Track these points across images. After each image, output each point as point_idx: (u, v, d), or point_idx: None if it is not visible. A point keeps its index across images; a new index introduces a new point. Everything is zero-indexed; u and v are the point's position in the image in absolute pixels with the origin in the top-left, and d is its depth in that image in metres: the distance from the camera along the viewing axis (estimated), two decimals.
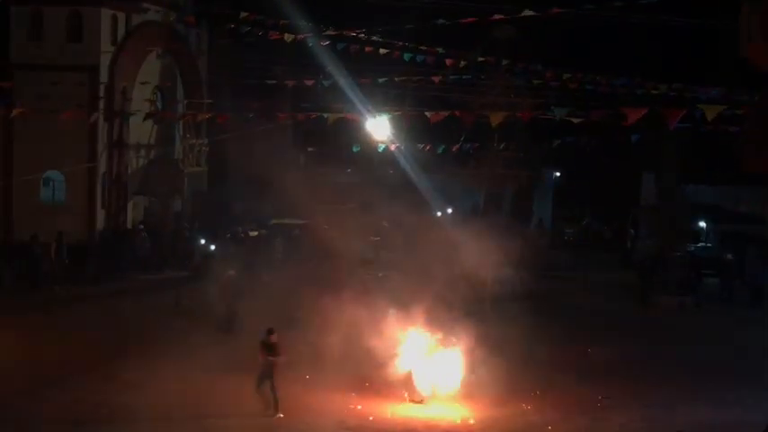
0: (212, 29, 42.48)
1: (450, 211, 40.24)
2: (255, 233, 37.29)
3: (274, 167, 46.46)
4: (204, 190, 40.35)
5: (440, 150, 33.92)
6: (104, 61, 36.20)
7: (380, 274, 32.97)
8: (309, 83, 30.69)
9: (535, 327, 27.03)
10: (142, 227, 36.01)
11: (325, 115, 24.71)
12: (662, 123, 18.11)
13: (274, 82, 33.55)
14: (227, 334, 22.47)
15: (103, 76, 36.19)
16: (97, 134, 36.05)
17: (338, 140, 43.92)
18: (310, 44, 29.02)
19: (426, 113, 22.59)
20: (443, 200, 38.85)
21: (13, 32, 36.00)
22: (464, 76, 31.99)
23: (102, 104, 35.45)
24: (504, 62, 30.83)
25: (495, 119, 22.31)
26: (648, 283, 32.43)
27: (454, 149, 34.24)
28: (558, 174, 48.81)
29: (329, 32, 27.57)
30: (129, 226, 37.15)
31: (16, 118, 35.07)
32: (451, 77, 31.91)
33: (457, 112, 22.89)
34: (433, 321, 25.28)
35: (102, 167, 36.49)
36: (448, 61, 29.63)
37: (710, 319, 30.26)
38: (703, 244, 40.51)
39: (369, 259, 35.03)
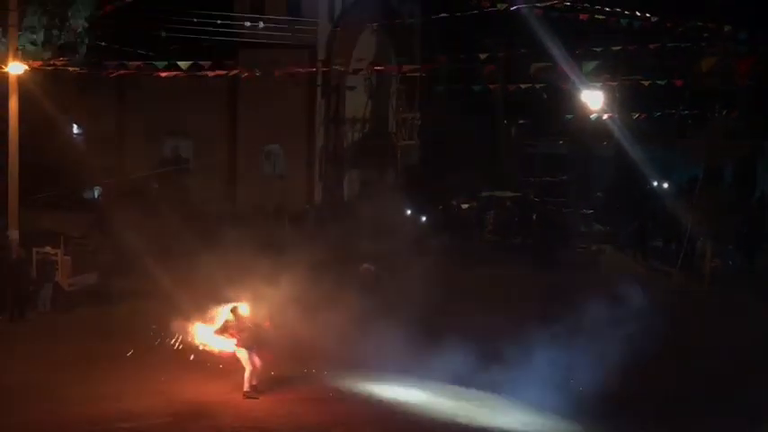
0: (425, 2, 42.73)
1: (666, 185, 39.00)
2: (467, 205, 37.51)
3: (486, 140, 46.66)
4: (417, 163, 40.88)
5: (656, 115, 32.88)
6: (321, 38, 37.09)
7: (594, 248, 32.53)
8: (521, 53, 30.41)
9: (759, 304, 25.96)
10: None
11: (537, 86, 24.47)
12: None
13: (486, 54, 33.46)
14: None
15: (321, 53, 37.11)
16: (315, 110, 37.19)
17: (550, 112, 43.35)
18: (523, 14, 28.72)
19: (642, 83, 21.99)
20: (660, 171, 37.67)
21: (236, 10, 37.28)
22: (682, 44, 30.85)
23: (319, 81, 36.49)
24: (726, 28, 29.49)
25: (706, 64, 21.35)
26: None
27: (672, 118, 33.13)
28: None
29: (542, 2, 27.23)
30: (344, 199, 38.13)
31: (240, 97, 36.68)
32: (669, 45, 30.81)
33: (675, 81, 22.21)
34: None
35: (319, 142, 37.62)
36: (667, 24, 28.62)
37: None
38: None
39: (581, 232, 34.60)
